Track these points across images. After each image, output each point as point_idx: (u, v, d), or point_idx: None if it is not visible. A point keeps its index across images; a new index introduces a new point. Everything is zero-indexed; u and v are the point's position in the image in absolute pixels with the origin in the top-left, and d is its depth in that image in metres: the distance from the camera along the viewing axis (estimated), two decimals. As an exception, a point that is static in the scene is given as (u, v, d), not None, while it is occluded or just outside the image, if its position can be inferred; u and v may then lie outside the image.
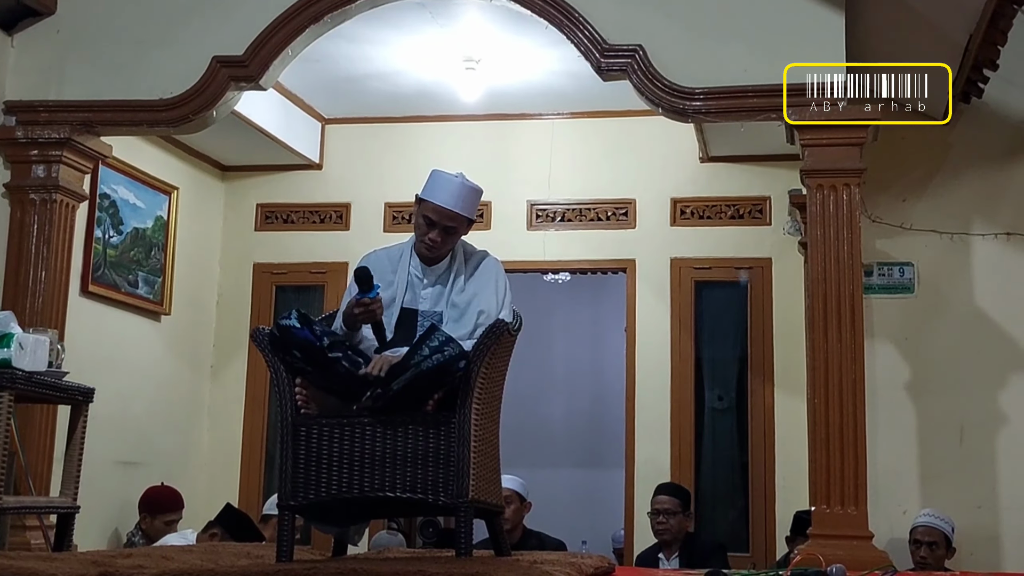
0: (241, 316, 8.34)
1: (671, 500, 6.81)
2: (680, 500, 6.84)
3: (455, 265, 4.33)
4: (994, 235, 7.08)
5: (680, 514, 6.79)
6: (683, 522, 6.81)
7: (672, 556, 6.74)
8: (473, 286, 4.27)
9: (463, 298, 4.25)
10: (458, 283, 4.29)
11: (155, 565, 3.49)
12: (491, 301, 4.22)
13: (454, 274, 4.31)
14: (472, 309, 4.20)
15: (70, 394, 5.17)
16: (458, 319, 4.19)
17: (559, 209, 8.14)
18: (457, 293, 4.27)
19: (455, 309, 4.23)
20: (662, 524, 6.75)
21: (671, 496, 6.85)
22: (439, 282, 4.31)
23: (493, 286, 4.27)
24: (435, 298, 4.28)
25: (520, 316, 4.31)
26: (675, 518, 6.76)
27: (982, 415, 6.92)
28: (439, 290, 4.29)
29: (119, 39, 6.36)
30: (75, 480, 5.18)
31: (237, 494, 8.02)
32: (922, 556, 6.39)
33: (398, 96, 7.95)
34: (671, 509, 6.77)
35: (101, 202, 7.15)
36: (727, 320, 7.92)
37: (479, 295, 4.23)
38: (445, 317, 4.22)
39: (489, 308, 4.19)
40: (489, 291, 4.25)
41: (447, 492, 3.85)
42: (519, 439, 8.25)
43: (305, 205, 8.47)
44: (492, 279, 4.30)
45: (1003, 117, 7.10)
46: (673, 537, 6.75)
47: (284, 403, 4.03)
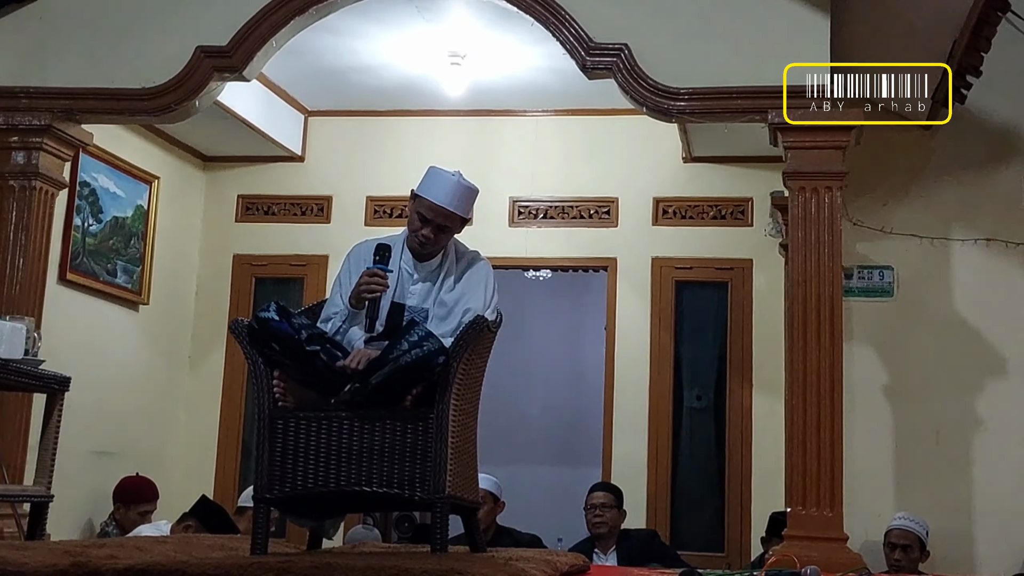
0: (220, 307, 8.32)
1: (607, 495, 6.90)
2: (615, 496, 6.93)
3: (446, 264, 4.32)
4: (974, 240, 7.11)
5: (616, 508, 6.88)
6: (618, 516, 6.89)
7: (608, 551, 6.78)
8: (462, 286, 4.26)
9: (451, 297, 4.23)
10: (447, 282, 4.28)
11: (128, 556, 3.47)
12: (478, 301, 4.21)
13: (444, 273, 4.30)
14: (459, 308, 4.18)
15: (46, 382, 5.14)
16: (444, 317, 4.18)
17: (541, 206, 8.14)
18: (446, 292, 4.26)
19: (442, 307, 4.22)
20: (599, 517, 6.82)
21: (607, 492, 6.95)
22: (429, 279, 4.29)
23: (482, 287, 4.26)
24: (423, 295, 4.27)
25: (501, 313, 4.31)
26: (612, 511, 6.85)
27: (958, 419, 6.95)
28: (428, 287, 4.28)
29: (102, 27, 6.33)
30: (49, 469, 5.15)
31: (213, 486, 8.00)
32: (896, 559, 6.41)
33: (382, 90, 7.93)
34: (607, 503, 6.85)
35: (81, 190, 7.12)
36: (707, 320, 7.93)
37: (467, 295, 4.22)
38: (431, 315, 4.21)
39: (476, 307, 4.18)
40: (478, 292, 4.24)
41: (424, 488, 3.85)
42: (497, 435, 8.25)
43: (286, 197, 8.45)
44: (482, 281, 4.28)
45: (985, 123, 7.12)
46: (609, 531, 6.82)
47: (261, 396, 4.02)
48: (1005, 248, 7.06)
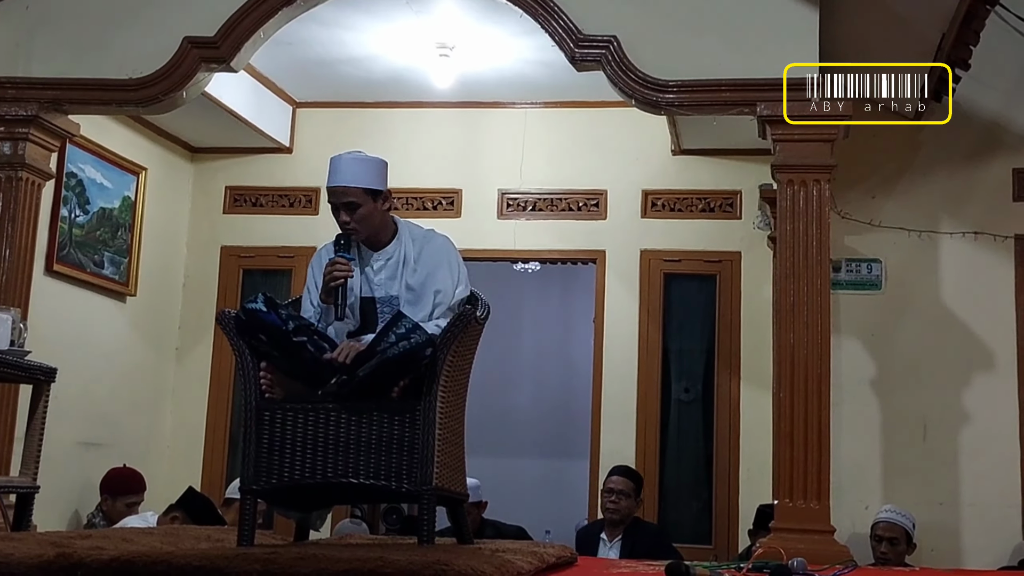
0: (207, 299, 8.30)
1: (625, 482, 6.85)
2: (634, 484, 6.89)
3: (402, 248, 4.29)
4: (962, 234, 7.13)
5: (632, 497, 6.84)
6: (633, 506, 6.86)
7: (615, 538, 6.76)
8: (425, 266, 4.23)
9: (416, 279, 4.21)
10: (409, 265, 4.26)
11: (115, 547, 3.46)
12: (446, 280, 4.20)
13: (403, 257, 4.27)
14: (428, 290, 4.17)
15: (32, 373, 5.12)
16: (415, 302, 4.17)
17: (530, 198, 8.13)
18: (411, 275, 4.24)
19: (411, 292, 4.21)
20: (613, 504, 6.79)
21: (626, 478, 6.89)
22: (389, 266, 4.27)
23: (446, 264, 4.24)
24: (387, 283, 4.25)
25: (488, 305, 4.30)
26: (627, 500, 6.81)
27: (945, 412, 6.98)
28: (390, 273, 4.26)
29: (89, 17, 6.30)
30: (35, 460, 5.13)
31: (200, 477, 7.99)
32: (883, 552, 6.43)
33: (370, 81, 7.91)
34: (624, 491, 6.81)
35: (68, 181, 7.10)
36: (695, 313, 7.94)
37: (433, 275, 4.20)
38: (401, 300, 4.20)
39: (445, 287, 4.18)
40: (443, 271, 4.22)
41: (411, 479, 3.85)
42: (485, 427, 8.25)
43: (274, 189, 8.44)
44: (444, 257, 4.26)
45: (973, 117, 7.13)
46: (621, 518, 6.79)
47: (249, 387, 4.01)
48: (993, 241, 7.08)
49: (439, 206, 8.18)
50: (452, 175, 8.20)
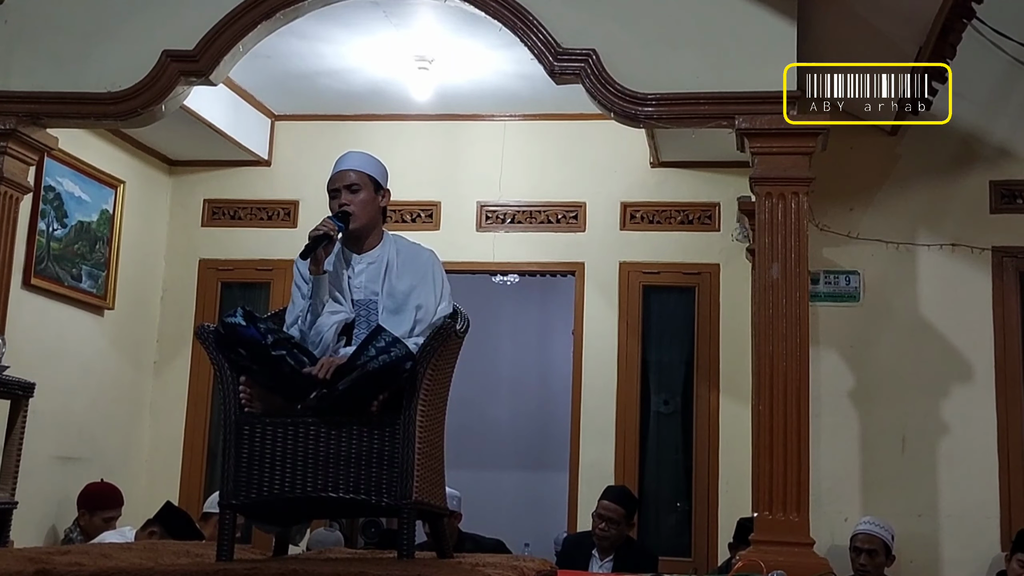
0: (186, 312, 8.28)
1: (616, 509, 6.75)
2: (626, 511, 6.79)
3: (387, 254, 4.30)
4: (939, 246, 7.15)
5: (622, 524, 6.76)
6: (624, 531, 6.80)
7: (607, 559, 6.73)
8: (409, 277, 4.23)
9: (399, 287, 4.21)
10: (392, 271, 4.26)
11: (94, 563, 3.44)
12: (429, 296, 4.20)
13: (387, 262, 4.27)
14: (410, 304, 4.17)
15: (10, 388, 5.11)
16: (395, 311, 4.16)
17: (509, 211, 8.14)
18: (394, 279, 4.23)
19: (391, 299, 4.20)
20: (603, 531, 6.73)
21: (618, 505, 6.78)
22: (369, 270, 4.27)
23: (431, 279, 4.24)
24: (367, 285, 4.24)
25: (468, 318, 4.30)
26: (617, 527, 6.74)
27: (924, 424, 6.99)
28: (371, 276, 4.24)
29: (68, 30, 6.27)
30: (13, 475, 5.12)
31: (178, 491, 7.96)
32: (862, 563, 6.44)
33: (349, 94, 7.91)
34: (615, 519, 6.73)
35: (46, 194, 7.07)
36: (674, 325, 7.95)
37: (417, 288, 4.20)
38: (380, 305, 4.20)
39: (427, 303, 4.17)
40: (427, 285, 4.22)
41: (390, 493, 3.84)
42: (464, 440, 8.25)
43: (253, 201, 8.42)
44: (428, 272, 4.27)
45: (950, 130, 7.16)
46: (611, 544, 6.74)
47: (228, 401, 4.00)
48: (971, 253, 7.11)
49: (418, 218, 8.18)
50: (431, 188, 8.20)
